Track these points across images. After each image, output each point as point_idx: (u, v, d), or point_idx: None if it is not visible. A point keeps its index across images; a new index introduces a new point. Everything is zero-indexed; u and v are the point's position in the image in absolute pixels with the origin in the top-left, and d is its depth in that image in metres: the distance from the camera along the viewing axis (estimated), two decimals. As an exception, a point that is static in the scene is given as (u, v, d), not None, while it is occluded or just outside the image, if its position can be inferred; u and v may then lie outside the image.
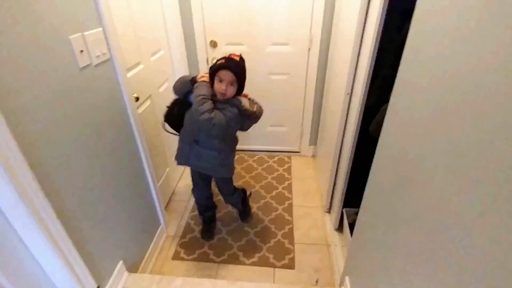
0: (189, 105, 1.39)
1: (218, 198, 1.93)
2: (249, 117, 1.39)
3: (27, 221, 0.84)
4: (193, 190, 1.77)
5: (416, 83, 0.73)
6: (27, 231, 0.87)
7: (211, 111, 1.24)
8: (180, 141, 1.52)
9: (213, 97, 1.31)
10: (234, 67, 1.28)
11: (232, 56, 1.31)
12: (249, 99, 1.41)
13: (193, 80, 1.35)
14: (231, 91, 1.31)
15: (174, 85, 1.42)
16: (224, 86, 1.28)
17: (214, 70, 1.30)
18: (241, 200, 1.87)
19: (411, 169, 0.73)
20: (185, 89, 1.39)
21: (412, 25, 0.76)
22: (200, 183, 1.70)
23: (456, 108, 0.56)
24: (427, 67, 0.68)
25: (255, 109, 1.38)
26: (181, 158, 1.54)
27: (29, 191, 0.82)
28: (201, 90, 1.28)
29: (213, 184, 1.77)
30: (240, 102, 1.33)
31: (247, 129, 1.47)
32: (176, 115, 1.48)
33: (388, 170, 0.89)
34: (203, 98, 1.25)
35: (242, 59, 1.34)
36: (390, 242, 0.85)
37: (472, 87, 0.52)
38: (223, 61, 1.28)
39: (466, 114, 0.53)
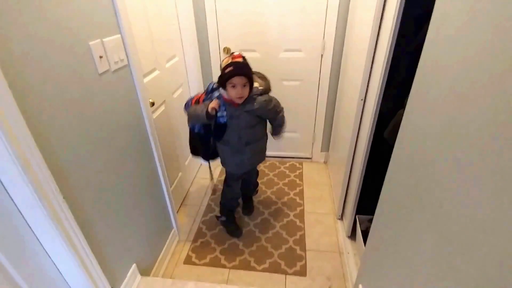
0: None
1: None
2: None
3: (44, 221, 0.86)
4: (229, 186, 1.81)
5: (436, 79, 0.70)
6: (45, 231, 0.89)
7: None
8: (230, 156, 1.61)
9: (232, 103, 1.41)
10: (243, 70, 1.33)
11: (237, 59, 1.37)
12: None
13: (207, 114, 1.39)
14: (247, 91, 1.38)
15: (191, 120, 1.52)
16: (240, 90, 1.34)
17: (226, 79, 1.33)
18: (253, 186, 2.10)
19: (430, 175, 0.71)
20: (203, 122, 1.48)
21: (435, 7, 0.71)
22: (239, 175, 1.78)
23: (484, 106, 0.51)
24: (450, 56, 0.64)
25: (264, 86, 1.50)
26: (239, 170, 1.68)
27: (48, 192, 0.84)
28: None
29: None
30: (256, 87, 1.44)
31: None
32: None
33: (404, 176, 0.88)
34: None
35: (244, 58, 1.41)
36: (405, 251, 0.83)
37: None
38: (231, 68, 1.32)
39: (494, 112, 0.48)
